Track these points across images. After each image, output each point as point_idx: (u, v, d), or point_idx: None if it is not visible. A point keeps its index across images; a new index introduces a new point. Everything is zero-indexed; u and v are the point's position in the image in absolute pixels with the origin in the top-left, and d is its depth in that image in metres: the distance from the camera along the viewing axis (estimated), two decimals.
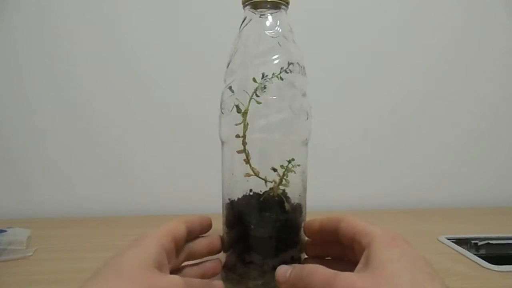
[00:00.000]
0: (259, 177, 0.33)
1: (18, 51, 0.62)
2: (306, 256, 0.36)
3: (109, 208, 0.65)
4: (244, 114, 0.32)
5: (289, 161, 0.33)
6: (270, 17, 0.34)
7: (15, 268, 0.41)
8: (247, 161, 0.33)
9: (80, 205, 0.65)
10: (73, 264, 0.42)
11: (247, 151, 0.33)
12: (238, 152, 0.33)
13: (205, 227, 0.35)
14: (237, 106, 0.32)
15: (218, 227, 0.37)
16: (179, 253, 0.31)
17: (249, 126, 0.32)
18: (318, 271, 0.25)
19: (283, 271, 0.28)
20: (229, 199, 0.36)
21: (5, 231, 0.49)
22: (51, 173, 0.65)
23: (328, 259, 0.34)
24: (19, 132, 0.63)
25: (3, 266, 0.42)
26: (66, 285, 0.37)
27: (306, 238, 0.35)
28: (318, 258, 0.35)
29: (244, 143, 0.32)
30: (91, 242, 0.50)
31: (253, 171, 0.33)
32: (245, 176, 0.33)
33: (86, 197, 0.66)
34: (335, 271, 0.24)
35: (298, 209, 0.35)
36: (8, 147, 0.63)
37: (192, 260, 0.34)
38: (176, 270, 0.32)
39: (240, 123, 0.32)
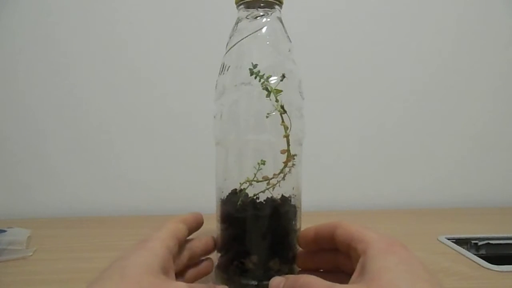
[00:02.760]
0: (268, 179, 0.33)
1: (17, 52, 0.62)
2: (299, 269, 0.35)
3: (109, 208, 0.65)
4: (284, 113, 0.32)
5: (294, 156, 0.33)
6: (263, 19, 0.34)
7: (15, 268, 0.41)
8: (288, 161, 0.32)
9: (80, 205, 0.65)
10: (73, 264, 0.42)
11: (290, 151, 0.32)
12: (282, 152, 0.32)
13: (199, 224, 0.35)
14: (282, 107, 0.32)
15: (213, 227, 0.37)
16: (181, 254, 0.31)
17: (245, 128, 0.32)
18: (313, 283, 0.24)
19: (277, 282, 0.27)
20: (222, 199, 0.35)
21: (5, 231, 0.49)
22: (51, 173, 0.65)
23: (326, 272, 0.33)
24: (19, 133, 0.63)
25: (3, 266, 0.41)
26: (66, 285, 0.37)
27: (300, 249, 0.34)
28: (311, 271, 0.33)
29: (288, 143, 0.32)
30: (91, 242, 0.50)
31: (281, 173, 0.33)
32: (274, 176, 0.33)
33: (85, 197, 0.66)
34: (331, 283, 0.23)
35: (292, 208, 0.35)
36: (8, 147, 0.63)
37: (193, 261, 0.34)
38: (178, 272, 0.31)
39: (283, 123, 0.32)
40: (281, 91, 0.31)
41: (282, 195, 0.34)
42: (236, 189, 0.34)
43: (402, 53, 0.69)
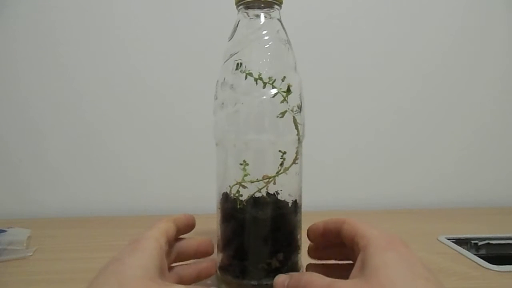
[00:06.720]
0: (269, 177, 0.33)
1: (17, 53, 0.62)
2: (308, 262, 0.35)
3: (109, 208, 0.65)
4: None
5: (283, 153, 0.33)
6: (263, 19, 0.34)
7: (15, 268, 0.41)
8: (296, 159, 0.33)
9: (80, 205, 0.65)
10: (73, 264, 0.42)
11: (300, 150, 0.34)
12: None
13: (190, 226, 0.34)
14: (299, 106, 0.33)
15: (213, 227, 0.37)
16: (169, 254, 0.31)
17: (244, 128, 0.33)
18: (315, 280, 0.25)
19: (281, 280, 0.28)
20: (222, 199, 0.35)
21: (5, 231, 0.49)
22: (51, 173, 0.65)
23: (331, 263, 0.34)
24: (19, 133, 0.63)
25: (3, 266, 0.42)
26: (66, 285, 0.37)
27: (309, 242, 0.35)
28: (322, 263, 0.34)
29: (300, 142, 0.34)
30: (91, 242, 0.50)
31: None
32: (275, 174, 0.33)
33: (86, 197, 0.66)
34: (332, 279, 0.24)
35: (293, 208, 0.35)
36: (8, 147, 0.63)
37: (181, 261, 0.33)
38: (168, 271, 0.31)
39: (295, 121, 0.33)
40: (291, 92, 0.32)
41: (278, 193, 0.35)
42: (227, 192, 0.34)
43: (402, 53, 0.69)
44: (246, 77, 0.32)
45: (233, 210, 0.34)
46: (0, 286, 0.37)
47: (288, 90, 0.32)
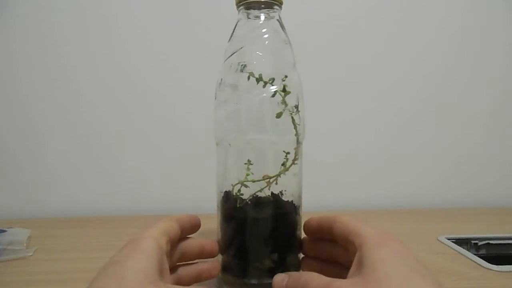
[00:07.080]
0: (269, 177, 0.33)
1: (17, 53, 0.62)
2: (303, 255, 0.36)
3: (109, 208, 0.65)
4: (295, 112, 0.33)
5: (287, 153, 0.33)
6: (263, 20, 0.34)
7: (15, 268, 0.41)
8: (296, 159, 0.33)
9: (80, 205, 0.65)
10: (73, 264, 0.42)
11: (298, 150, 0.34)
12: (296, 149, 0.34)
13: (195, 227, 0.34)
14: (297, 106, 0.33)
15: (214, 227, 0.37)
16: (172, 254, 0.31)
17: (245, 127, 0.33)
18: (314, 280, 0.25)
19: (280, 280, 0.28)
20: (222, 199, 0.35)
21: (5, 231, 0.49)
22: (51, 173, 0.65)
23: (328, 261, 0.34)
24: (19, 133, 0.63)
25: (3, 266, 0.41)
26: (66, 285, 0.37)
27: (304, 235, 0.35)
28: (316, 258, 0.34)
29: (298, 142, 0.34)
30: (91, 242, 0.50)
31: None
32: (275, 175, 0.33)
33: (86, 197, 0.66)
34: (331, 279, 0.24)
35: (294, 208, 0.35)
36: (8, 147, 0.63)
37: (184, 261, 0.33)
38: (171, 269, 0.30)
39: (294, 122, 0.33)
40: (290, 92, 0.32)
41: (283, 193, 0.35)
42: (229, 190, 0.34)
43: (402, 53, 0.69)
44: (248, 78, 0.32)
45: (233, 210, 0.34)
46: (0, 286, 0.37)
47: (285, 90, 0.32)
